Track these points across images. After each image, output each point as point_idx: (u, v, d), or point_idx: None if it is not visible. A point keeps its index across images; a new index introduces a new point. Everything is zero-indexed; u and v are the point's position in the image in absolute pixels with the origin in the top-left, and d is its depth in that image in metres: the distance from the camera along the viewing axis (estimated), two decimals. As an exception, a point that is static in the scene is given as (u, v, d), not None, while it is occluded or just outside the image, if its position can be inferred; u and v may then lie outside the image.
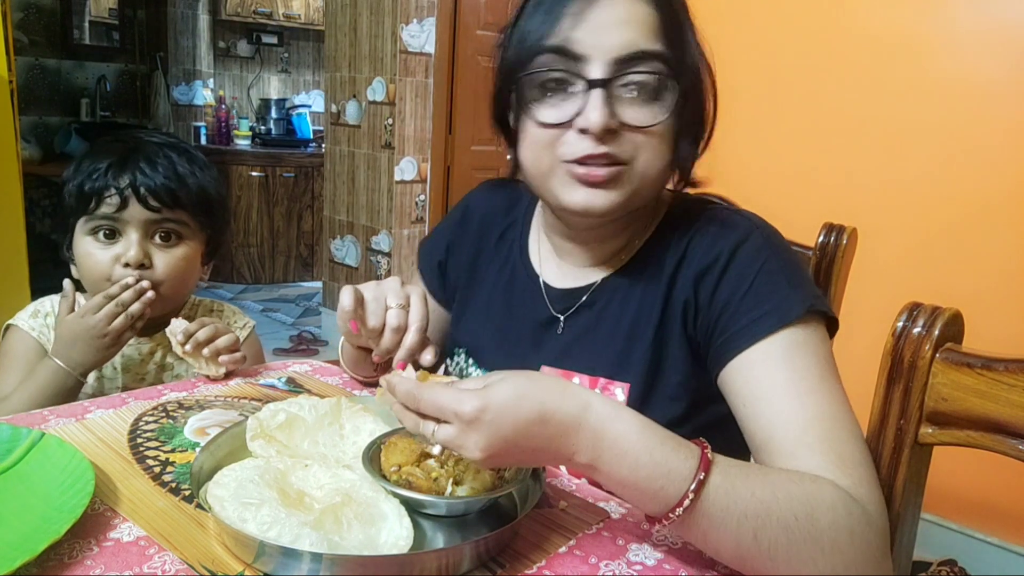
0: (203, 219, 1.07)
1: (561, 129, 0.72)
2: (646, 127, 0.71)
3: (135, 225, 1.00)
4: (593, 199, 0.73)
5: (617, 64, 0.70)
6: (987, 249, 1.82)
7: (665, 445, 0.57)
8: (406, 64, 3.22)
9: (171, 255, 1.03)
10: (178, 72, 4.69)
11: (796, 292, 0.71)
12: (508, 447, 0.56)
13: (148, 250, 1.01)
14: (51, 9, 4.30)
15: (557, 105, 0.72)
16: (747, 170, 2.15)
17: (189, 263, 1.06)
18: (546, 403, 0.56)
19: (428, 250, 1.02)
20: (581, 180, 0.73)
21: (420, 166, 3.37)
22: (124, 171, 1.00)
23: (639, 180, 0.74)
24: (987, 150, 1.81)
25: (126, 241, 1.00)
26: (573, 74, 0.71)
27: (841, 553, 0.58)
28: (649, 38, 0.70)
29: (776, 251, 0.75)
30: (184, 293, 1.10)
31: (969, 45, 1.82)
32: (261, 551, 0.56)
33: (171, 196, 1.01)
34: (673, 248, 0.80)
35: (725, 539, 0.57)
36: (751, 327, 0.71)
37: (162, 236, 1.03)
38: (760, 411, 0.68)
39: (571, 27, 0.70)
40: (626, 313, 0.81)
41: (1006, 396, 0.61)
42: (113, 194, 0.99)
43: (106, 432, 0.81)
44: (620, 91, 0.71)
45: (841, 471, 0.62)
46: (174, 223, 1.03)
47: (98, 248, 1.01)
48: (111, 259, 1.00)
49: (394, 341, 0.78)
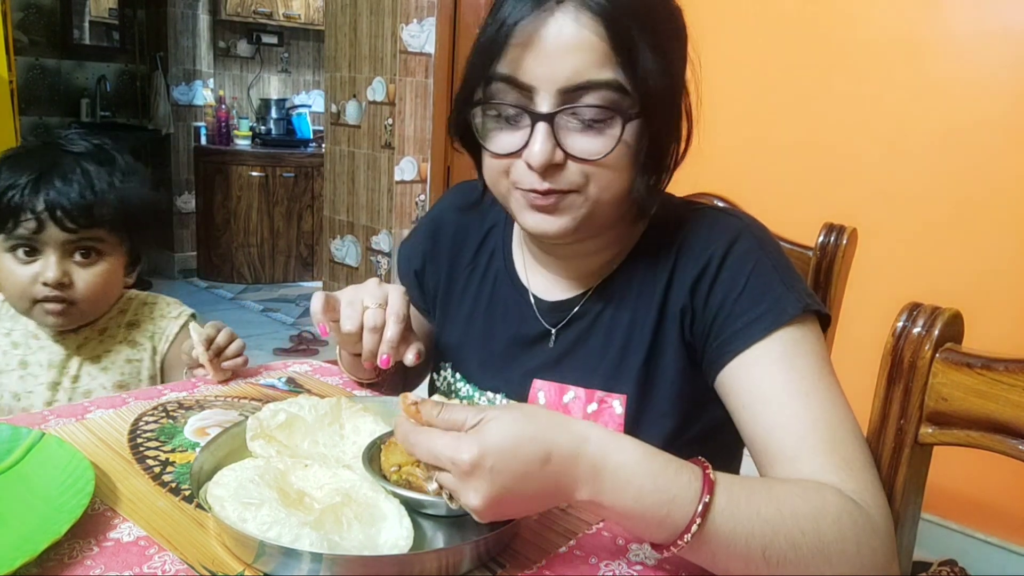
0: (122, 232, 1.06)
1: (512, 158, 0.71)
2: (592, 159, 0.68)
3: (53, 246, 1.00)
4: (544, 224, 0.72)
5: (563, 95, 0.67)
6: (987, 249, 1.82)
7: (667, 471, 0.56)
8: (406, 64, 3.22)
9: (90, 272, 1.04)
10: (178, 72, 4.69)
11: (790, 292, 0.71)
12: (509, 496, 0.54)
13: (67, 268, 1.02)
14: (51, 9, 4.30)
15: (508, 133, 0.71)
16: (747, 170, 2.15)
17: (109, 277, 1.06)
18: (546, 442, 0.54)
19: (405, 256, 1.00)
20: (531, 205, 0.72)
21: (420, 166, 3.37)
22: (39, 191, 0.99)
23: (592, 205, 0.71)
24: (987, 150, 1.81)
25: (45, 260, 1.01)
26: (519, 107, 0.69)
27: (848, 563, 0.57)
28: (597, 66, 0.66)
29: (767, 251, 0.75)
30: (105, 304, 1.11)
31: (969, 45, 1.82)
32: (261, 551, 0.56)
33: (86, 216, 1.00)
34: (664, 255, 0.78)
35: (734, 559, 0.56)
36: (747, 329, 0.70)
37: (81, 254, 1.03)
38: (760, 414, 0.68)
39: (519, 55, 0.67)
40: (620, 322, 0.80)
41: (1006, 396, 0.61)
42: (29, 217, 0.98)
43: (106, 432, 0.81)
44: (567, 121, 0.68)
45: (845, 475, 0.62)
46: (92, 241, 1.03)
47: (18, 266, 1.01)
48: (31, 277, 1.01)
49: (374, 341, 0.77)
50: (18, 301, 1.04)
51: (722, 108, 2.24)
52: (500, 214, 0.93)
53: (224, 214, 4.61)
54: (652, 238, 0.81)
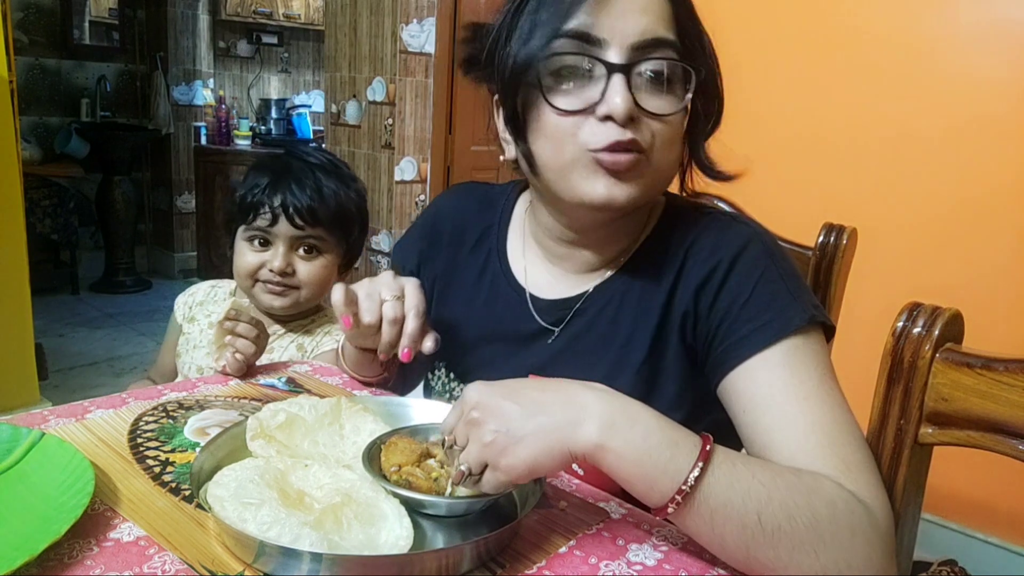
0: (339, 234, 1.25)
1: (582, 116, 0.70)
2: (664, 115, 0.71)
3: (283, 239, 1.20)
4: (615, 191, 0.71)
5: (635, 50, 0.69)
6: (987, 249, 1.82)
7: (669, 421, 0.59)
8: (406, 64, 3.23)
9: (311, 265, 1.23)
10: (178, 72, 4.69)
11: (796, 302, 0.71)
12: (517, 416, 0.58)
13: (292, 260, 1.21)
14: (51, 9, 4.30)
15: (575, 92, 0.70)
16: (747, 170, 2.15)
17: (326, 270, 1.25)
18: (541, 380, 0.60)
19: (401, 255, 0.99)
20: (608, 168, 0.70)
21: (420, 166, 3.37)
22: (277, 191, 1.18)
23: (654, 173, 0.73)
24: (988, 150, 1.81)
25: (274, 251, 1.21)
26: (593, 58, 0.69)
27: (842, 548, 0.57)
28: (665, 27, 0.70)
29: (775, 260, 0.75)
30: (320, 294, 1.28)
31: (969, 44, 1.82)
32: (261, 551, 0.56)
33: (312, 215, 1.19)
34: (671, 256, 0.79)
35: (731, 523, 0.56)
36: (751, 336, 0.70)
37: (305, 249, 1.23)
38: (760, 417, 0.68)
39: (588, 12, 0.69)
40: (622, 320, 0.80)
41: (1006, 396, 0.61)
42: (267, 212, 1.19)
43: (106, 432, 0.80)
44: (638, 79, 0.69)
45: (846, 476, 0.62)
46: (315, 239, 1.22)
47: (252, 253, 1.22)
48: (261, 262, 1.21)
49: (393, 333, 0.78)
50: (245, 280, 1.24)
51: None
52: (496, 215, 0.93)
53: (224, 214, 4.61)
54: (659, 238, 0.81)
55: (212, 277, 1.38)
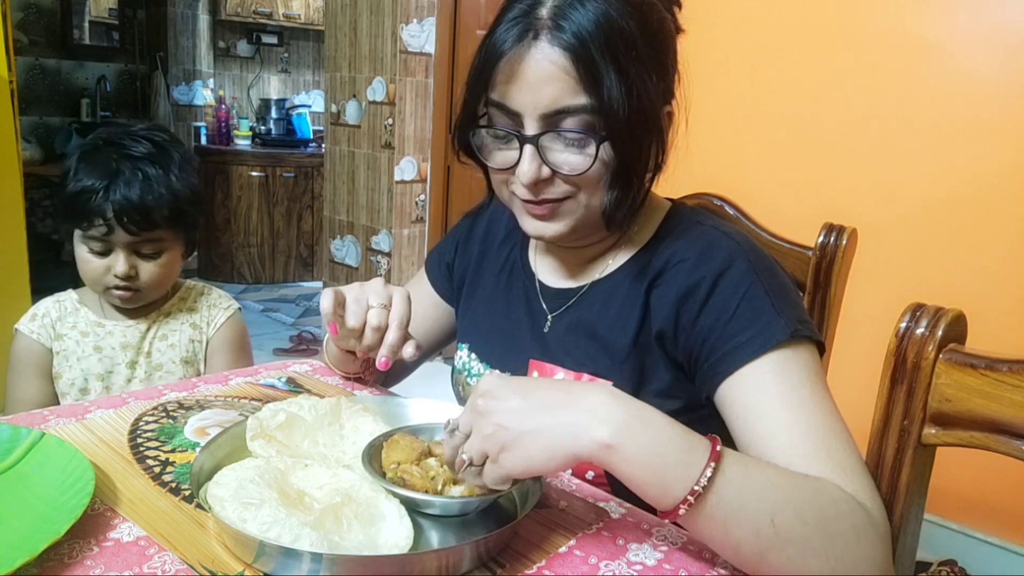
0: (178, 227, 1.22)
1: (509, 173, 0.78)
2: (575, 174, 0.74)
3: (121, 245, 1.17)
4: (541, 228, 0.79)
5: (545, 119, 0.73)
6: (988, 249, 1.82)
7: (679, 424, 0.59)
8: (406, 64, 3.22)
9: (154, 264, 1.20)
10: (178, 72, 4.69)
11: (779, 318, 0.72)
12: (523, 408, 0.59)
13: (134, 263, 1.18)
14: (51, 9, 4.30)
15: (505, 150, 0.78)
16: (747, 170, 2.15)
17: (170, 266, 1.23)
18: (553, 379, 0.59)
19: (439, 250, 1.07)
20: (529, 213, 0.79)
21: (420, 166, 3.37)
22: (108, 198, 1.13)
23: (584, 209, 0.78)
24: (988, 150, 1.81)
25: (115, 256, 1.17)
26: (510, 131, 0.75)
27: (848, 548, 0.58)
28: (571, 93, 0.72)
29: (760, 276, 0.75)
30: (167, 287, 1.27)
31: (970, 45, 1.82)
32: (261, 551, 0.56)
33: (148, 220, 1.16)
34: (653, 264, 0.81)
35: (745, 527, 0.56)
36: (735, 352, 0.71)
37: (146, 249, 1.19)
38: (754, 424, 0.69)
39: (505, 84, 0.74)
40: (604, 318, 0.83)
41: (1009, 397, 0.61)
42: (100, 223, 1.14)
43: (106, 432, 0.80)
44: (551, 142, 0.74)
45: (842, 479, 0.63)
46: (154, 241, 1.19)
47: (93, 257, 1.18)
48: (104, 268, 1.17)
49: (375, 339, 0.81)
50: (93, 285, 1.21)
51: (722, 108, 2.25)
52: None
53: (224, 214, 4.61)
54: (655, 244, 0.83)
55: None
